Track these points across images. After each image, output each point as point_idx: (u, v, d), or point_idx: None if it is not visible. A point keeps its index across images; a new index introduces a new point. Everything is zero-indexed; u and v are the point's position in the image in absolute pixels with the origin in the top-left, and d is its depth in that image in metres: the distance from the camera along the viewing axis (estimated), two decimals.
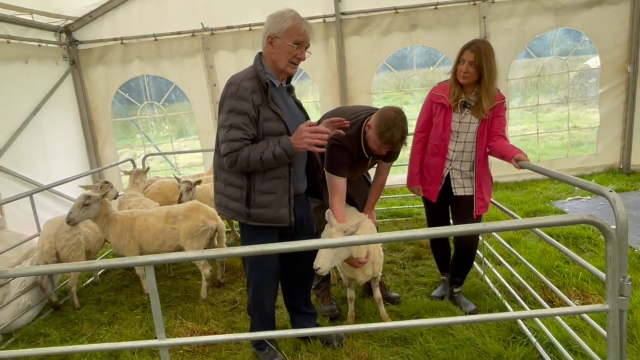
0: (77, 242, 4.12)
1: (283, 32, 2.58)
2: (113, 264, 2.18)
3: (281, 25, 2.58)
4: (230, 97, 2.56)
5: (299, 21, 2.61)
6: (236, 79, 2.61)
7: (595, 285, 3.67)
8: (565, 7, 6.56)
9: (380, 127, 2.94)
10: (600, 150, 7.09)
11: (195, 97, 7.08)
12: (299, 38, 2.62)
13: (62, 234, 4.06)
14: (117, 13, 6.80)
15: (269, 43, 2.63)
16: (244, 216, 2.71)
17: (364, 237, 2.35)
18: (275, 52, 2.63)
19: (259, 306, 2.99)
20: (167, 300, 4.26)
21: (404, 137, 2.98)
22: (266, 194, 2.67)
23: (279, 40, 2.60)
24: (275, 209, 2.69)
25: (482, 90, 3.20)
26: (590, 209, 5.68)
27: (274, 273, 2.95)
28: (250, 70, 2.67)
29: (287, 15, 2.59)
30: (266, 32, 2.64)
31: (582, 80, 10.71)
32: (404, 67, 7.57)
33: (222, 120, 2.61)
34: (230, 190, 2.73)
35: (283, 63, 2.66)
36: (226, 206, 2.79)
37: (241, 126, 2.53)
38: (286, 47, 2.61)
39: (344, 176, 3.19)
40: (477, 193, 3.37)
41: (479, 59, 3.11)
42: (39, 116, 6.09)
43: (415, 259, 4.65)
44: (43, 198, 5.82)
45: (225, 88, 2.65)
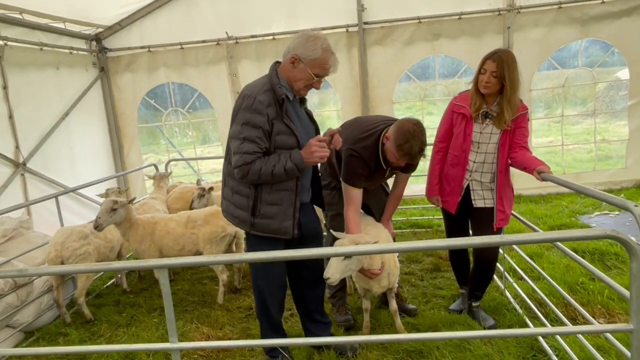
0: (85, 253, 4.00)
1: (309, 60, 2.56)
2: (129, 266, 2.22)
3: (310, 52, 2.55)
4: (246, 109, 2.55)
5: (328, 55, 2.57)
6: (252, 91, 2.59)
7: (622, 304, 3.53)
8: (593, 18, 6.41)
9: (399, 139, 2.91)
10: (629, 164, 6.86)
11: (219, 104, 7.19)
12: (322, 72, 2.61)
13: (70, 243, 3.97)
14: (145, 22, 6.98)
15: (291, 62, 2.60)
16: (248, 225, 2.74)
17: (377, 246, 2.32)
18: (294, 73, 2.62)
19: (265, 312, 3.00)
20: (184, 305, 4.30)
21: (422, 150, 2.95)
22: (272, 205, 2.69)
23: (302, 64, 2.58)
24: (279, 220, 2.71)
25: (504, 101, 3.14)
26: (618, 224, 5.49)
27: (279, 281, 2.96)
28: (265, 81, 2.65)
29: (319, 44, 2.55)
30: (292, 50, 2.59)
31: (612, 92, 10.44)
32: (427, 77, 7.53)
33: (235, 131, 2.61)
34: (237, 198, 2.76)
35: (298, 85, 2.66)
36: (232, 213, 2.82)
37: (255, 139, 2.54)
38: (307, 74, 2.60)
39: (360, 187, 3.17)
40: (497, 205, 3.30)
41: (501, 68, 3.06)
42: (67, 121, 6.28)
43: (434, 271, 4.57)
44: (68, 200, 5.98)
45: (239, 99, 2.63)
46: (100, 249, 4.22)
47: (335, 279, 2.78)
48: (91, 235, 4.14)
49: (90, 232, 4.15)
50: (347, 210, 3.16)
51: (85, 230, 4.13)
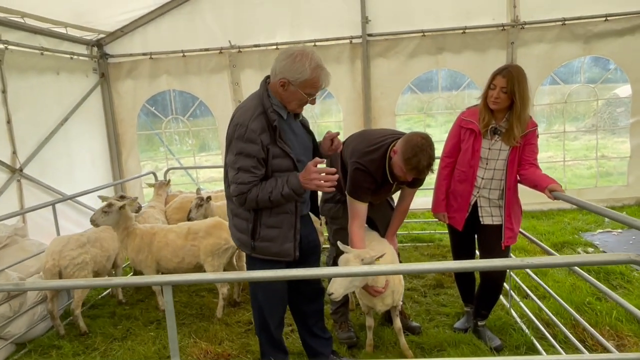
0: (82, 262, 3.90)
1: (299, 82, 2.45)
2: (131, 282, 2.13)
3: (299, 74, 2.43)
4: (238, 139, 2.46)
5: (318, 73, 2.45)
6: (243, 119, 2.47)
7: (631, 326, 3.46)
8: (597, 35, 6.42)
9: (407, 153, 2.85)
10: (631, 181, 6.84)
11: (220, 112, 7.13)
12: (314, 90, 2.52)
13: (68, 252, 3.86)
14: (147, 29, 6.94)
15: (280, 85, 2.48)
16: (249, 248, 2.69)
17: (384, 267, 2.24)
18: (285, 95, 2.52)
19: (265, 328, 2.92)
20: (181, 318, 4.19)
21: (430, 164, 2.89)
22: (272, 228, 2.64)
23: (292, 87, 2.47)
24: (280, 243, 2.66)
25: (513, 117, 3.09)
26: (622, 242, 5.44)
27: (280, 296, 2.89)
28: (256, 103, 2.53)
29: (307, 65, 2.42)
30: (279, 73, 2.47)
31: (611, 109, 10.49)
32: (429, 90, 7.52)
33: (230, 160, 2.54)
34: (237, 222, 2.72)
35: (292, 106, 2.58)
36: (234, 235, 2.80)
37: (249, 169, 2.48)
38: (299, 95, 2.51)
39: (366, 201, 3.11)
40: (506, 223, 3.24)
41: (511, 84, 3.02)
42: (66, 126, 6.19)
43: (437, 287, 4.49)
44: (65, 208, 5.87)
45: (232, 127, 2.52)
46: (97, 258, 4.11)
47: (339, 295, 2.71)
48: (88, 245, 4.06)
49: (87, 240, 4.08)
50: (352, 225, 3.10)
51: (82, 238, 4.05)
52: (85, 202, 6.32)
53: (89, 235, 4.17)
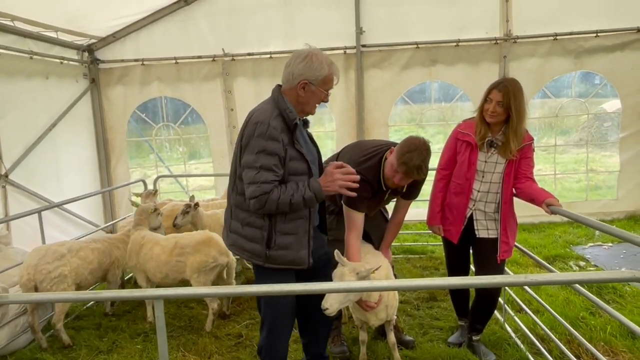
0: (60, 275, 3.68)
1: (319, 80, 2.49)
2: (121, 296, 2.05)
3: (318, 72, 2.47)
4: (260, 136, 2.41)
5: (333, 69, 2.53)
6: (264, 117, 2.45)
7: (625, 342, 3.44)
8: (587, 51, 6.51)
9: (402, 149, 2.86)
10: (621, 195, 6.90)
11: (212, 120, 7.07)
12: (330, 86, 2.57)
13: (44, 265, 3.63)
14: (139, 35, 6.87)
15: (301, 87, 2.49)
16: (262, 258, 2.57)
17: (381, 282, 2.19)
18: (305, 97, 2.53)
19: (272, 349, 2.78)
20: (169, 330, 4.07)
21: (421, 167, 2.85)
22: (287, 234, 2.56)
23: (313, 86, 2.49)
24: (295, 250, 2.57)
25: (510, 131, 3.09)
26: (613, 256, 5.46)
27: (289, 311, 2.78)
28: (272, 107, 2.53)
29: (324, 62, 2.49)
30: (299, 76, 2.48)
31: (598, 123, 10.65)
32: (422, 101, 7.54)
33: (249, 160, 2.44)
34: (249, 231, 2.58)
35: (310, 106, 2.59)
36: (242, 247, 2.63)
37: (272, 167, 2.42)
38: (319, 93, 2.53)
39: (363, 211, 3.07)
40: (501, 236, 3.22)
41: (507, 98, 3.01)
42: (54, 132, 6.07)
43: (430, 300, 4.44)
44: (52, 215, 5.74)
45: (251, 126, 2.47)
46: (78, 269, 3.86)
47: (334, 310, 2.65)
48: (68, 255, 3.81)
49: (68, 251, 3.83)
50: (349, 236, 3.04)
51: (61, 249, 3.82)
52: (72, 209, 6.19)
53: (71, 245, 3.96)
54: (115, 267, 4.25)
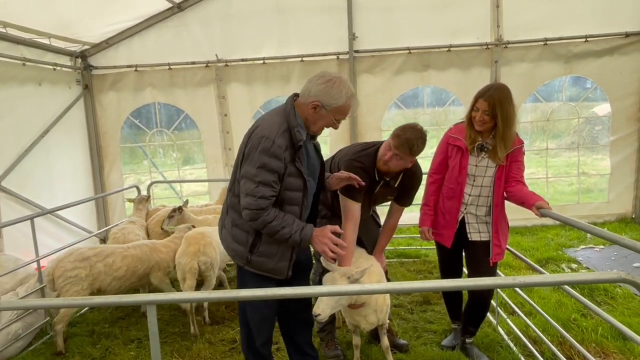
0: (75, 277, 3.76)
1: (333, 108, 2.47)
2: (112, 302, 2.05)
3: (334, 100, 2.45)
4: (263, 152, 2.40)
5: (351, 102, 2.50)
6: (270, 132, 2.43)
7: (616, 343, 3.48)
8: (577, 55, 6.59)
9: (398, 129, 2.93)
10: (612, 198, 6.97)
11: (206, 126, 7.08)
12: (343, 117, 2.56)
13: (64, 263, 3.77)
14: (133, 41, 6.88)
15: (312, 107, 2.47)
16: (244, 260, 2.63)
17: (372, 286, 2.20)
18: (314, 117, 2.52)
19: (252, 346, 2.85)
20: (163, 336, 4.07)
21: (413, 146, 2.88)
22: (272, 244, 2.60)
23: (324, 110, 2.48)
24: (276, 260, 2.62)
25: (497, 138, 3.11)
26: (605, 258, 5.51)
27: (269, 314, 2.83)
28: (281, 120, 2.49)
29: (344, 92, 2.45)
30: (314, 96, 2.46)
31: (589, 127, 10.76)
32: (414, 106, 7.59)
33: (250, 172, 2.44)
34: (237, 232, 2.64)
35: (317, 128, 2.58)
36: (228, 245, 2.71)
37: (271, 183, 2.44)
38: (328, 119, 2.52)
39: (359, 201, 3.04)
40: (494, 239, 3.25)
41: (493, 108, 3.02)
42: (47, 138, 6.06)
43: (423, 304, 4.46)
44: (45, 222, 5.71)
45: (256, 139, 2.44)
46: (99, 275, 3.87)
47: (326, 315, 2.66)
48: (94, 258, 3.87)
49: (94, 255, 3.89)
50: (346, 227, 3.00)
51: (88, 252, 3.90)
52: (65, 216, 6.17)
53: (102, 249, 4.01)
54: (156, 271, 4.21)
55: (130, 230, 4.80)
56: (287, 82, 6.87)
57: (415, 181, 3.25)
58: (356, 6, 6.63)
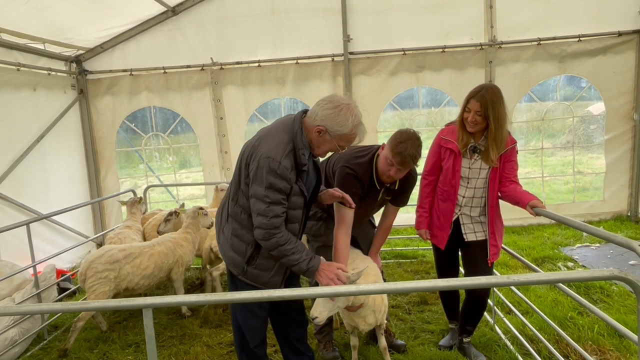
0: (105, 278, 3.89)
1: (337, 134, 2.43)
2: (109, 306, 2.05)
3: (339, 127, 2.41)
4: (270, 173, 2.39)
5: (357, 130, 2.46)
6: (275, 153, 2.39)
7: (612, 340, 3.49)
8: (570, 55, 6.64)
9: (394, 141, 2.89)
10: (607, 197, 7.01)
11: (201, 129, 7.09)
12: (347, 144, 2.54)
13: (96, 265, 3.90)
14: (128, 45, 6.89)
15: (317, 131, 2.44)
16: (239, 270, 2.65)
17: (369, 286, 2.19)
18: (319, 141, 2.50)
19: (245, 348, 2.87)
20: (160, 340, 4.07)
21: (415, 157, 2.89)
22: (270, 259, 2.62)
23: (328, 136, 2.45)
24: (271, 274, 2.65)
25: (489, 139, 3.10)
26: (600, 256, 5.54)
27: (263, 314, 2.85)
28: (287, 140, 2.46)
29: (350, 121, 2.41)
30: (320, 120, 2.42)
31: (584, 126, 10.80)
32: (410, 107, 7.61)
33: (259, 193, 2.43)
34: (236, 242, 2.65)
35: (320, 151, 2.58)
36: (225, 253, 2.72)
37: (280, 201, 2.45)
38: (332, 144, 2.50)
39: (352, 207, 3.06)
40: (490, 239, 3.26)
41: (485, 108, 3.01)
42: (42, 144, 6.05)
43: (421, 304, 4.47)
44: (41, 227, 5.70)
45: (263, 160, 2.40)
46: (128, 276, 4.01)
47: (323, 318, 2.66)
48: (123, 261, 4.00)
49: (124, 257, 4.01)
50: (338, 231, 2.99)
51: (118, 254, 4.01)
52: (62, 221, 6.16)
53: (131, 251, 4.11)
54: (178, 266, 4.37)
55: (126, 235, 4.80)
56: (282, 85, 6.89)
57: (411, 182, 3.27)
58: (350, 8, 6.66)
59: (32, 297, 4.10)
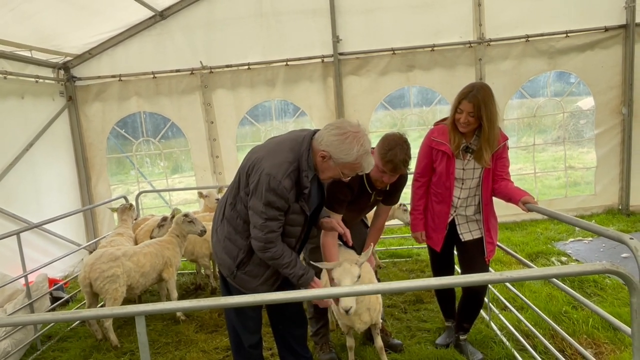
0: (113, 275, 3.96)
1: (341, 162, 2.40)
2: (101, 314, 2.03)
3: (344, 155, 2.37)
4: (269, 191, 2.37)
5: (362, 160, 2.40)
6: (277, 172, 2.37)
7: (607, 333, 3.51)
8: (559, 51, 6.68)
9: (383, 148, 2.87)
10: (598, 190, 7.06)
11: (192, 134, 7.05)
12: (351, 173, 2.51)
13: (99, 265, 3.95)
14: (116, 50, 6.85)
15: (321, 157, 2.42)
16: (229, 272, 2.67)
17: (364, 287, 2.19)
18: (322, 166, 2.48)
19: (240, 350, 2.87)
20: (156, 347, 4.04)
21: (406, 162, 2.90)
22: (259, 266, 2.63)
23: (332, 162, 2.42)
24: (259, 282, 2.67)
25: (482, 140, 3.07)
26: (593, 250, 5.57)
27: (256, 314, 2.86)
28: (293, 158, 2.42)
29: (355, 150, 2.35)
30: (325, 145, 2.39)
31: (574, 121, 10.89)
32: (401, 106, 7.62)
33: (258, 208, 2.43)
34: (229, 245, 2.65)
35: (324, 175, 2.54)
36: (217, 254, 2.75)
37: (277, 217, 2.46)
38: (335, 171, 2.48)
39: (341, 213, 3.05)
40: (486, 237, 3.26)
41: (478, 109, 2.98)
42: (32, 152, 5.99)
43: (417, 303, 4.47)
44: (32, 236, 5.64)
45: (263, 176, 2.37)
46: (130, 272, 4.11)
47: (355, 305, 2.69)
48: (123, 258, 4.09)
49: (123, 254, 4.11)
50: (324, 236, 2.99)
51: (117, 252, 4.11)
52: (53, 229, 6.09)
53: (126, 250, 4.23)
54: (168, 266, 4.44)
55: (119, 242, 4.75)
56: (272, 87, 6.88)
57: (402, 182, 3.26)
58: (339, 9, 6.66)
59: (24, 308, 4.05)
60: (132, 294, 4.31)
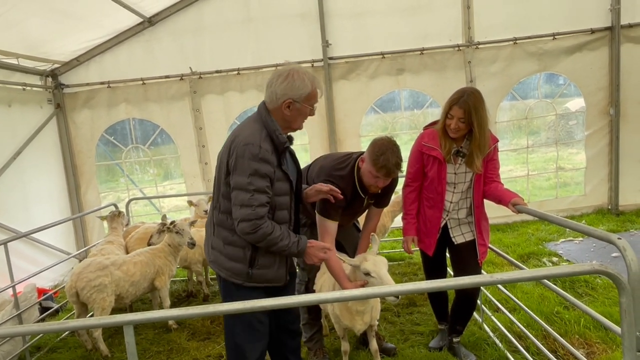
0: (100, 285, 3.91)
1: (303, 98, 2.48)
2: (88, 324, 1.99)
3: (301, 90, 2.46)
4: (252, 159, 2.37)
5: (316, 84, 2.53)
6: (253, 138, 2.41)
7: (599, 333, 3.53)
8: (548, 53, 6.75)
9: (374, 153, 2.88)
10: (588, 191, 7.11)
11: (182, 140, 7.01)
12: (315, 101, 2.57)
13: (86, 274, 3.91)
14: (104, 57, 6.80)
15: (286, 106, 2.48)
16: (244, 277, 2.55)
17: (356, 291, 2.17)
18: (291, 115, 2.52)
19: None
20: (147, 356, 3.99)
21: (399, 165, 2.90)
22: (269, 255, 2.58)
23: (298, 104, 2.48)
24: (276, 268, 2.61)
25: (473, 146, 3.07)
26: (584, 250, 5.61)
27: (263, 328, 2.69)
28: (260, 127, 2.49)
29: (306, 79, 2.48)
30: (283, 95, 2.47)
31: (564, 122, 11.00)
32: (392, 110, 7.64)
33: (242, 182, 2.39)
34: (230, 250, 2.56)
35: (298, 123, 2.59)
36: (222, 265, 2.60)
37: (265, 189, 2.41)
38: (305, 110, 2.53)
39: (336, 220, 3.06)
40: (478, 239, 3.27)
41: (468, 115, 2.98)
42: (20, 160, 5.92)
43: (409, 306, 4.46)
44: (21, 245, 5.55)
45: (240, 147, 2.40)
46: (119, 282, 4.06)
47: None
48: (111, 267, 4.04)
49: (111, 264, 4.07)
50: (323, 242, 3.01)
51: (105, 261, 4.07)
52: (42, 238, 6.02)
53: (115, 259, 4.19)
54: (161, 275, 4.39)
55: (109, 251, 4.70)
56: (262, 92, 6.79)
57: (393, 184, 3.27)
58: (328, 13, 6.68)
59: (12, 319, 3.97)
60: (123, 303, 4.25)
